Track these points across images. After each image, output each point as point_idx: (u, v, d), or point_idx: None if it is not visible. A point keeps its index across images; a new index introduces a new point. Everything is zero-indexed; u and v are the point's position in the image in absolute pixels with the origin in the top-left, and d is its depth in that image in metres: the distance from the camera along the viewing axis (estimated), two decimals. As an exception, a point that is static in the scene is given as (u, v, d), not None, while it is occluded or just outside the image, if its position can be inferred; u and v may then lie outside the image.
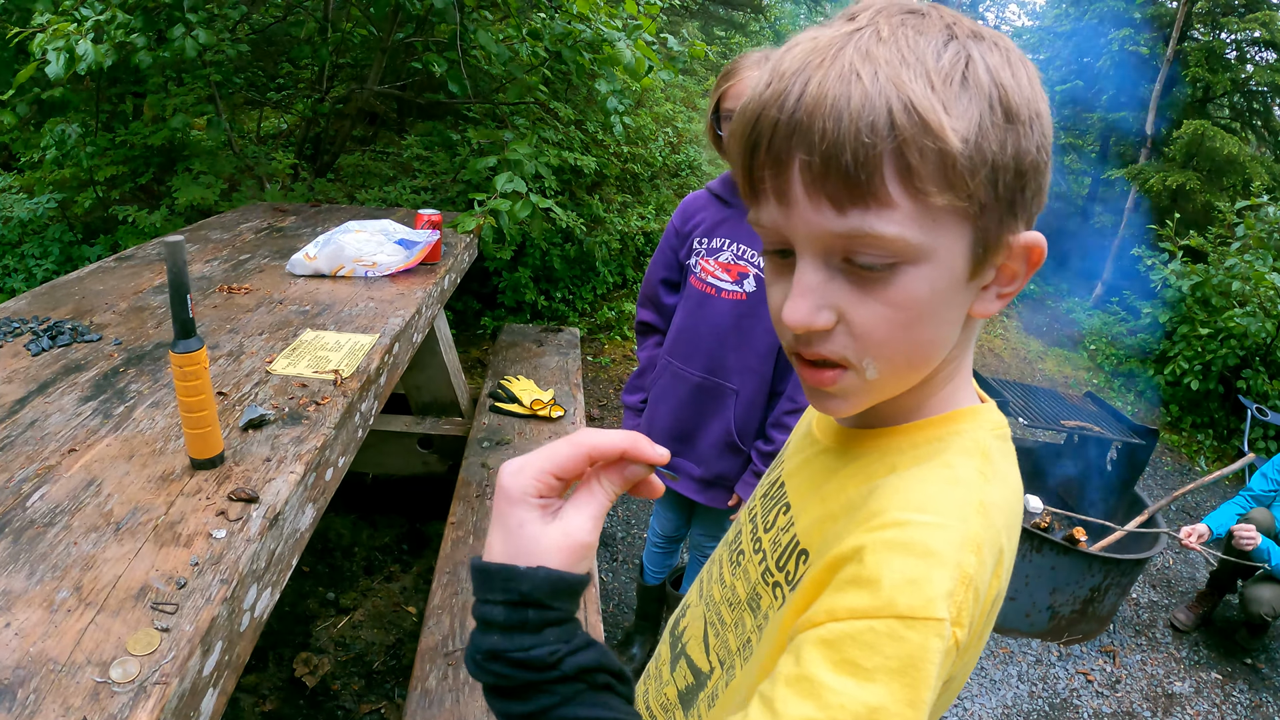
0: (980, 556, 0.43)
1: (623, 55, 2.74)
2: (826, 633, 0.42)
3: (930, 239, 0.43)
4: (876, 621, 0.41)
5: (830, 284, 0.45)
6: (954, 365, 0.52)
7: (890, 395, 0.50)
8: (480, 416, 2.19)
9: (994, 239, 0.45)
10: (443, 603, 1.49)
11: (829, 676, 0.41)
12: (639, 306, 1.70)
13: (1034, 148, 0.44)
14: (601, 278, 4.25)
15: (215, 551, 0.86)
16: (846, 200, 0.41)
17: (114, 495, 0.94)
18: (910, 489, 0.46)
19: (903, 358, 0.46)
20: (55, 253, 3.16)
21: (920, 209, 0.42)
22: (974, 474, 0.47)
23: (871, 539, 0.44)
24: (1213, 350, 4.63)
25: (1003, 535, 0.46)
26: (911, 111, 0.40)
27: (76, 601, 0.76)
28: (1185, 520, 3.66)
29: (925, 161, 0.41)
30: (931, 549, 0.43)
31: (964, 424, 0.51)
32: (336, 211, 2.51)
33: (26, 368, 1.24)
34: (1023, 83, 0.44)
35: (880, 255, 0.43)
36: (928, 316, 0.45)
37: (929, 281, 0.44)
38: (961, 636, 0.42)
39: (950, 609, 0.41)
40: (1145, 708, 2.42)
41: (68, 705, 0.65)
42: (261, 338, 1.43)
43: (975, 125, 0.41)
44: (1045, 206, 0.48)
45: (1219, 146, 5.41)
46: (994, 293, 0.48)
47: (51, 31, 2.30)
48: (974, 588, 0.43)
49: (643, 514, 2.93)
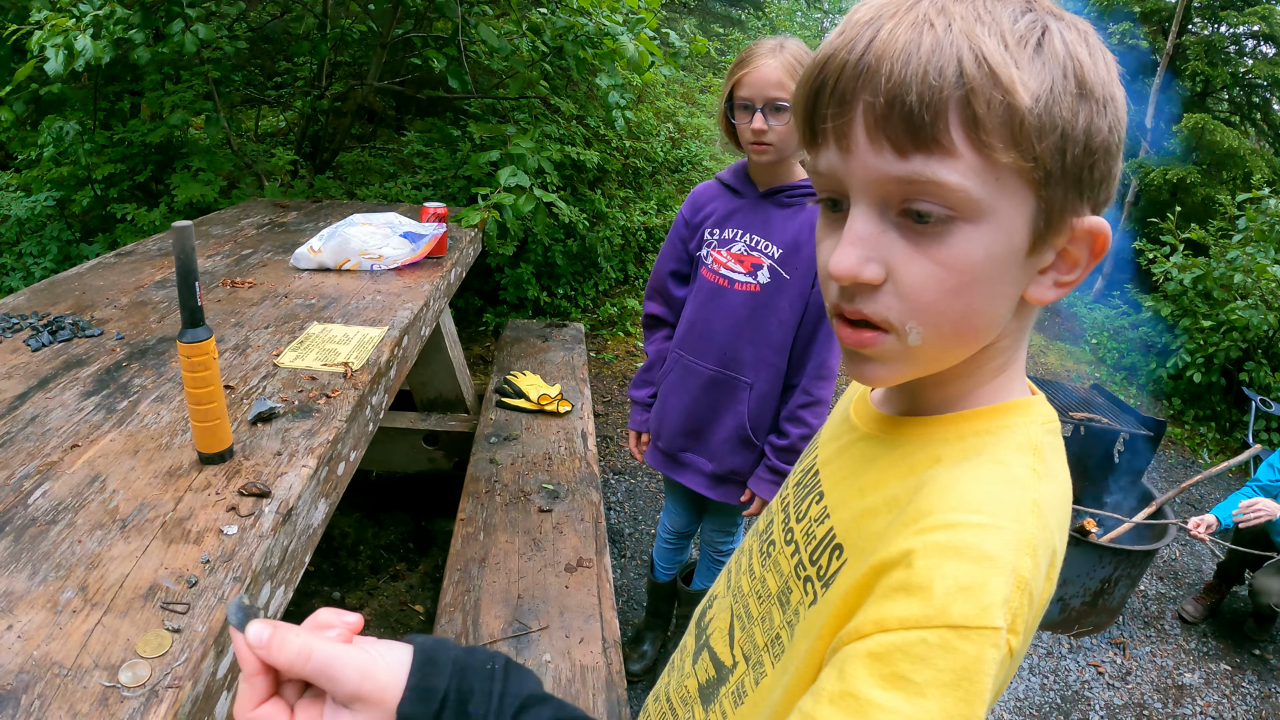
0: (1035, 559, 0.41)
1: (626, 49, 2.71)
2: (874, 645, 0.40)
3: (991, 197, 0.41)
4: (928, 632, 0.39)
5: (883, 236, 0.43)
6: (1007, 355, 0.49)
7: (931, 370, 0.48)
8: (487, 412, 2.17)
9: (1057, 215, 0.43)
10: (454, 600, 1.47)
11: (877, 693, 0.39)
12: (646, 299, 1.67)
13: (1106, 128, 0.42)
14: (604, 274, 4.23)
15: (227, 548, 0.83)
16: (909, 144, 0.40)
17: (119, 491, 0.91)
18: (961, 487, 0.44)
19: (949, 325, 0.44)
20: (54, 251, 3.13)
21: (983, 163, 0.40)
22: (1027, 472, 0.45)
23: (921, 542, 0.41)
24: (1215, 343, 4.62)
25: (1055, 535, 0.44)
26: (982, 62, 0.39)
27: (82, 602, 0.73)
28: (1191, 512, 3.66)
29: (992, 114, 0.39)
30: (986, 553, 0.40)
31: (1015, 417, 0.48)
32: (339, 207, 2.49)
33: (26, 363, 1.22)
34: (1099, 63, 0.43)
35: (938, 205, 0.41)
36: (980, 283, 0.43)
37: (985, 245, 0.42)
38: (1016, 644, 0.40)
39: (1006, 617, 0.39)
40: (1156, 699, 2.41)
41: (75, 711, 0.62)
42: (267, 331, 1.41)
43: (1048, 88, 0.40)
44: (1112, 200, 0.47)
45: (1219, 140, 5.40)
46: (1052, 279, 0.46)
47: (50, 27, 2.28)
48: (1029, 592, 0.40)
49: (649, 509, 2.91)
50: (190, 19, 2.57)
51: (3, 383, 1.15)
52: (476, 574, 1.55)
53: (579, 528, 1.73)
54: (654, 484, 3.10)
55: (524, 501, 1.81)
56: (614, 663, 1.34)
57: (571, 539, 1.69)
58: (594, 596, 1.50)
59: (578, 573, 1.56)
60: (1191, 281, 4.75)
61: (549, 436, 2.08)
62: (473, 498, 1.81)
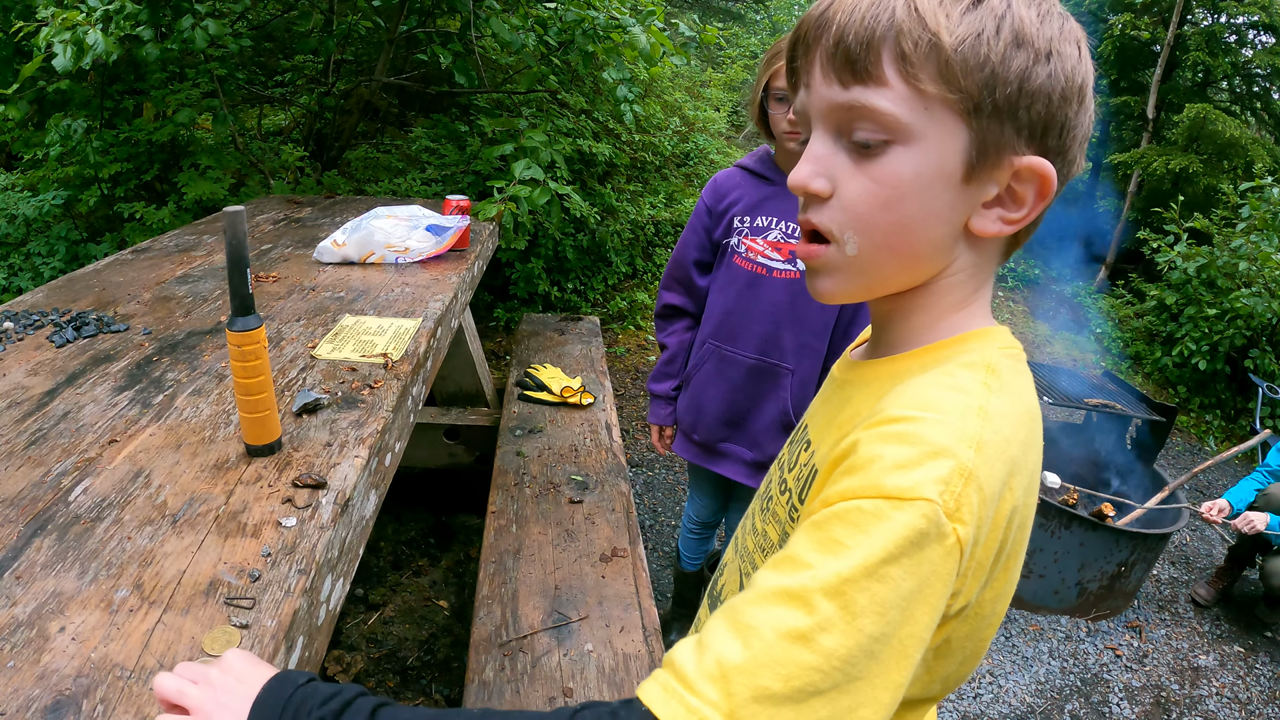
0: (982, 455, 0.43)
1: (638, 40, 2.71)
2: (818, 516, 0.44)
3: (920, 122, 0.47)
4: (864, 501, 0.42)
5: (834, 157, 0.50)
6: (964, 290, 0.53)
7: (876, 287, 0.53)
8: (510, 405, 2.16)
9: (992, 148, 0.47)
10: (491, 593, 1.47)
11: (808, 553, 0.42)
12: (664, 290, 1.64)
13: (1044, 74, 0.46)
14: (614, 268, 4.22)
15: (288, 541, 0.81)
16: (850, 77, 0.48)
17: (165, 486, 0.89)
18: (909, 392, 0.48)
19: (881, 235, 0.49)
20: (62, 251, 3.11)
21: (912, 93, 0.46)
22: (975, 384, 0.48)
23: (867, 433, 0.46)
24: (1220, 331, 4.64)
25: (1014, 447, 0.46)
26: (913, 10, 0.46)
27: (139, 600, 0.70)
28: (1200, 498, 3.68)
29: (919, 51, 0.46)
30: (924, 438, 0.43)
31: (972, 343, 0.52)
32: (352, 202, 2.48)
33: (52, 359, 1.19)
34: (1049, 24, 0.47)
35: (873, 130, 0.47)
36: (909, 199, 0.48)
37: (914, 164, 0.47)
38: (965, 535, 0.41)
39: (945, 497, 0.41)
40: (1173, 681, 2.43)
41: (143, 715, 0.59)
42: (299, 324, 1.41)
43: (975, 33, 0.45)
44: (1081, 171, 0.51)
45: (1220, 130, 5.42)
46: (997, 214, 0.50)
47: (59, 23, 2.25)
48: (976, 484, 0.42)
49: (668, 501, 2.91)
50: (200, 14, 2.55)
51: (29, 379, 1.12)
52: (512, 566, 1.55)
53: (610, 518, 1.73)
54: (672, 476, 3.10)
55: (554, 493, 1.81)
56: (656, 650, 1.34)
57: (604, 529, 1.69)
58: (631, 585, 1.50)
59: (613, 562, 1.56)
60: (1195, 270, 4.77)
61: (574, 429, 2.08)
62: (502, 490, 1.81)
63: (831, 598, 0.40)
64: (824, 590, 0.40)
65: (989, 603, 0.48)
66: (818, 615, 0.40)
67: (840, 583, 0.40)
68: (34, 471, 0.89)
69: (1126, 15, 6.25)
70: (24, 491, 0.85)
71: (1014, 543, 0.47)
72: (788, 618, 0.40)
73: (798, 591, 0.41)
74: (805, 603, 0.40)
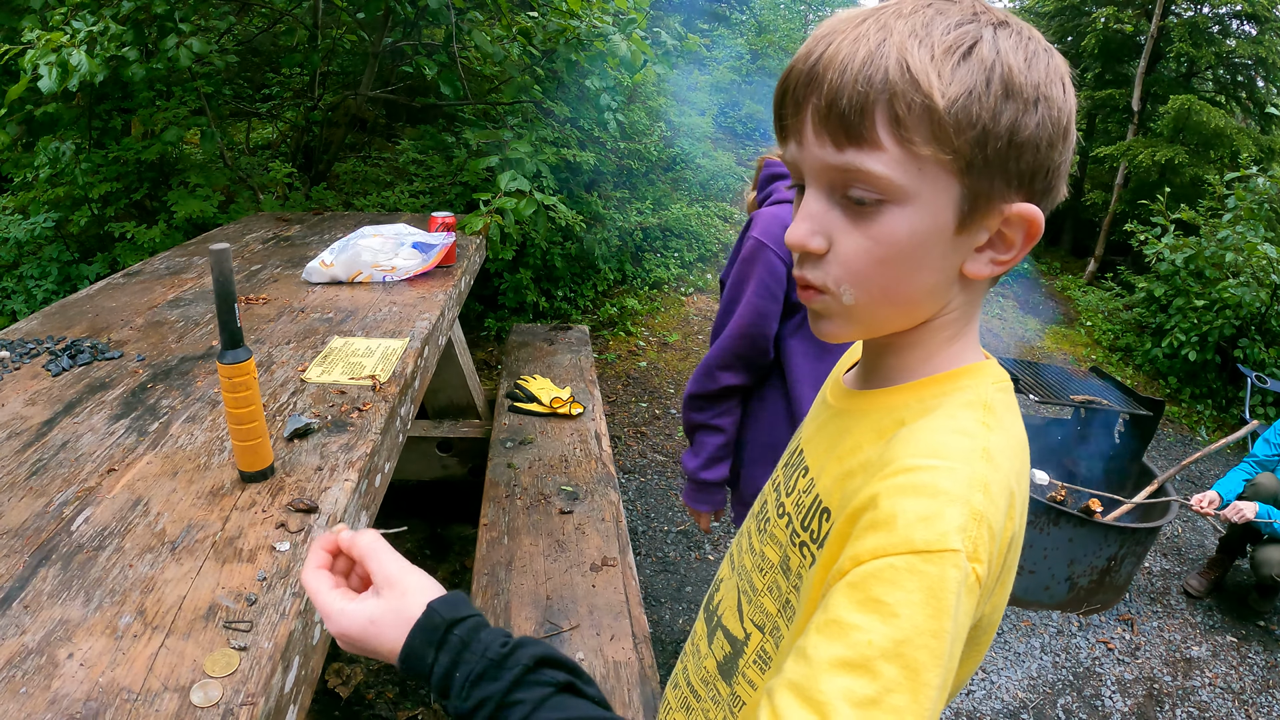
0: (989, 495, 0.46)
1: (618, 48, 2.73)
2: (852, 577, 0.45)
3: (914, 183, 0.48)
4: (895, 558, 0.44)
5: (828, 214, 0.51)
6: (957, 326, 0.55)
7: (875, 329, 0.55)
8: (500, 417, 2.19)
9: (984, 200, 0.49)
10: (485, 604, 1.49)
11: (855, 616, 0.44)
12: (721, 370, 1.37)
13: (1033, 124, 0.47)
14: (602, 275, 4.24)
15: (281, 564, 0.83)
16: (844, 139, 0.48)
17: (163, 514, 0.91)
18: (918, 438, 0.50)
19: (878, 289, 0.51)
20: (54, 273, 3.12)
21: (906, 155, 0.47)
22: (976, 424, 0.50)
23: (885, 485, 0.47)
24: (1208, 321, 4.68)
25: (1011, 479, 0.49)
26: (905, 71, 0.46)
27: (142, 626, 0.73)
28: (1191, 489, 3.72)
29: (913, 114, 0.46)
30: (941, 489, 0.45)
31: (966, 379, 0.54)
32: (341, 218, 2.49)
33: (49, 388, 1.21)
34: (1035, 68, 0.48)
35: (868, 191, 0.48)
36: (906, 256, 0.50)
37: (910, 223, 0.49)
38: (982, 572, 0.44)
39: (965, 543, 0.44)
40: (1166, 673, 2.46)
41: None
42: (289, 347, 1.42)
43: (966, 90, 0.46)
44: (1062, 195, 0.52)
45: (1205, 120, 5.46)
46: (988, 256, 0.51)
47: (43, 45, 2.27)
48: (987, 524, 0.45)
49: (661, 507, 2.94)
50: (184, 34, 2.57)
51: (27, 409, 1.14)
52: (504, 577, 1.57)
53: (600, 528, 1.76)
54: (664, 482, 3.13)
55: (544, 504, 1.83)
56: (645, 658, 1.37)
57: (594, 539, 1.71)
58: (621, 594, 1.53)
59: (603, 572, 1.59)
60: (1183, 261, 4.81)
61: (563, 439, 2.10)
62: (494, 503, 1.83)
63: (892, 660, 0.42)
64: (884, 656, 0.42)
65: (988, 616, 0.51)
66: (882, 679, 0.42)
67: (897, 646, 0.42)
68: (36, 502, 0.91)
69: (1110, 8, 6.29)
70: (27, 522, 0.87)
71: (1011, 561, 0.51)
72: (856, 687, 0.42)
73: (858, 661, 0.43)
74: (868, 670, 0.42)
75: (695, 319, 4.51)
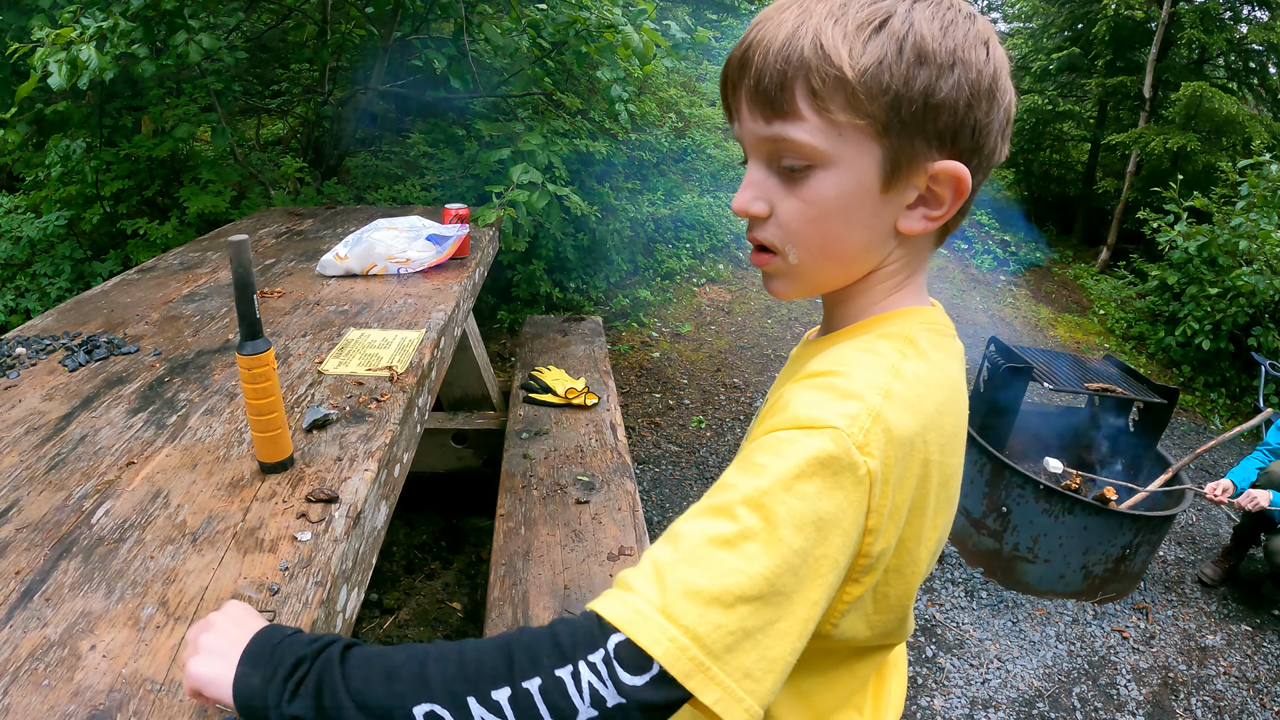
0: (889, 401, 0.49)
1: (631, 38, 2.72)
2: (744, 450, 0.50)
3: (835, 148, 0.52)
4: (781, 431, 0.48)
5: (767, 181, 0.56)
6: (898, 277, 0.59)
7: (821, 285, 0.59)
8: (515, 408, 2.19)
9: (906, 158, 0.52)
10: (502, 594, 1.50)
11: (731, 476, 0.48)
12: None
13: (948, 86, 0.50)
14: (615, 266, 4.24)
15: (304, 554, 0.84)
16: (771, 113, 0.53)
17: (184, 506, 0.91)
18: (830, 355, 0.55)
19: (816, 246, 0.56)
20: (67, 270, 3.14)
21: (825, 123, 0.51)
22: (890, 350, 0.54)
23: (791, 385, 0.53)
24: (1222, 309, 4.64)
25: (926, 404, 0.51)
26: (819, 48, 0.50)
27: (165, 617, 0.73)
28: (1205, 478, 3.69)
29: (827, 85, 0.50)
30: (837, 385, 0.50)
31: (898, 320, 0.58)
32: (353, 212, 2.50)
33: (65, 384, 1.21)
34: (952, 34, 0.51)
35: (796, 158, 0.53)
36: (836, 214, 0.54)
37: (836, 184, 0.53)
38: (874, 467, 0.46)
39: (851, 426, 0.46)
40: (1181, 661, 2.45)
41: None
42: (305, 339, 1.43)
43: (876, 60, 0.50)
44: (1005, 156, 0.56)
45: (1217, 107, 5.40)
46: (920, 213, 0.55)
47: (52, 42, 2.27)
48: (883, 425, 0.47)
49: (676, 496, 2.94)
50: (193, 30, 2.57)
51: (45, 404, 1.14)
52: (521, 568, 1.57)
53: (617, 517, 1.76)
54: (679, 471, 3.13)
55: (561, 495, 1.84)
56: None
57: (611, 529, 1.72)
58: (638, 584, 1.53)
59: (620, 561, 1.59)
60: (1196, 249, 4.76)
61: (579, 430, 2.11)
62: (510, 493, 1.84)
63: (752, 508, 0.45)
64: (745, 502, 0.45)
65: (909, 550, 0.53)
66: (740, 523, 0.45)
67: (759, 495, 0.45)
68: (56, 495, 0.91)
69: (1121, -6, 6.21)
70: (48, 515, 0.88)
71: (935, 499, 0.53)
72: (714, 526, 0.46)
73: (722, 505, 0.46)
74: (728, 513, 0.45)
75: (708, 310, 4.50)
